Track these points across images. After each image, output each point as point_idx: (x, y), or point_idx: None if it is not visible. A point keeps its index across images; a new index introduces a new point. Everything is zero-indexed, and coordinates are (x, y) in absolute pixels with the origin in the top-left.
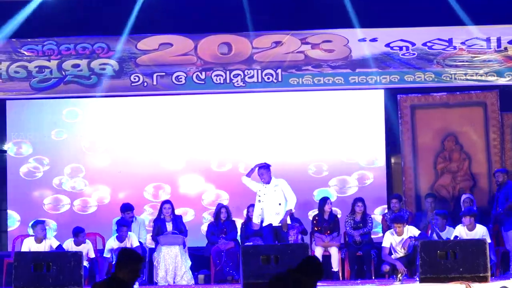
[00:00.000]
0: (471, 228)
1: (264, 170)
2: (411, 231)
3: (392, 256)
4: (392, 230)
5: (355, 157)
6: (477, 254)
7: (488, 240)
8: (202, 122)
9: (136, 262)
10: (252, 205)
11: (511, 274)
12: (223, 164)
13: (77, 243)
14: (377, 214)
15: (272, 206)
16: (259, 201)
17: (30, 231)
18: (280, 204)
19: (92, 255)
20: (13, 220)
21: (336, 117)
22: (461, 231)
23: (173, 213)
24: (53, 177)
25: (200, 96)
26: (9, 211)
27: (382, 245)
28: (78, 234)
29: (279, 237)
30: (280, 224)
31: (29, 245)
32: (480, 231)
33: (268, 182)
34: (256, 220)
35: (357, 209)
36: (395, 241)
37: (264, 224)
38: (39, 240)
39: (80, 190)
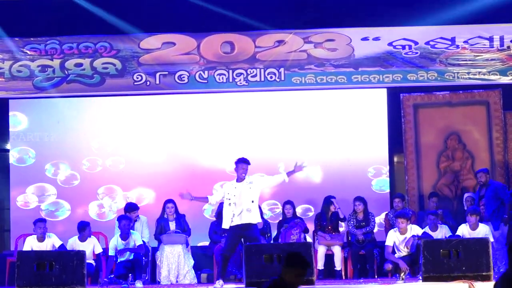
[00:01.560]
0: (474, 228)
1: (246, 165)
2: (414, 229)
3: (395, 255)
4: (395, 228)
5: (357, 156)
6: (480, 253)
7: (491, 239)
8: (204, 121)
9: (303, 267)
10: None
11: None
12: (224, 163)
13: (82, 239)
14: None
15: (243, 204)
16: (230, 204)
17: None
18: (253, 201)
19: (98, 250)
20: (64, 209)
21: (339, 116)
22: (464, 231)
23: (176, 212)
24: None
25: (203, 95)
26: (60, 200)
27: (385, 243)
28: (85, 228)
29: (246, 235)
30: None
31: (31, 243)
32: (483, 230)
33: (243, 179)
34: (227, 225)
35: (355, 208)
36: (398, 239)
37: (231, 224)
38: (40, 239)
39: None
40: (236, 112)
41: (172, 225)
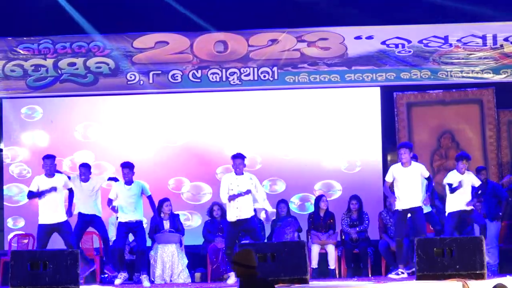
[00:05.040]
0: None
1: (241, 160)
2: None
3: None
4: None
5: (351, 154)
6: (474, 251)
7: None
8: (198, 121)
9: None
10: None
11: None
12: (217, 162)
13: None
14: None
15: (244, 197)
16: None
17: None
18: (250, 193)
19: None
20: None
21: (332, 115)
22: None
23: (171, 212)
24: None
25: (196, 94)
26: None
27: (385, 179)
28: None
29: (246, 228)
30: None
31: (38, 182)
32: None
33: (242, 173)
34: (233, 218)
35: (351, 206)
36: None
37: (235, 219)
38: (49, 175)
39: None
40: (230, 111)
41: (166, 224)
